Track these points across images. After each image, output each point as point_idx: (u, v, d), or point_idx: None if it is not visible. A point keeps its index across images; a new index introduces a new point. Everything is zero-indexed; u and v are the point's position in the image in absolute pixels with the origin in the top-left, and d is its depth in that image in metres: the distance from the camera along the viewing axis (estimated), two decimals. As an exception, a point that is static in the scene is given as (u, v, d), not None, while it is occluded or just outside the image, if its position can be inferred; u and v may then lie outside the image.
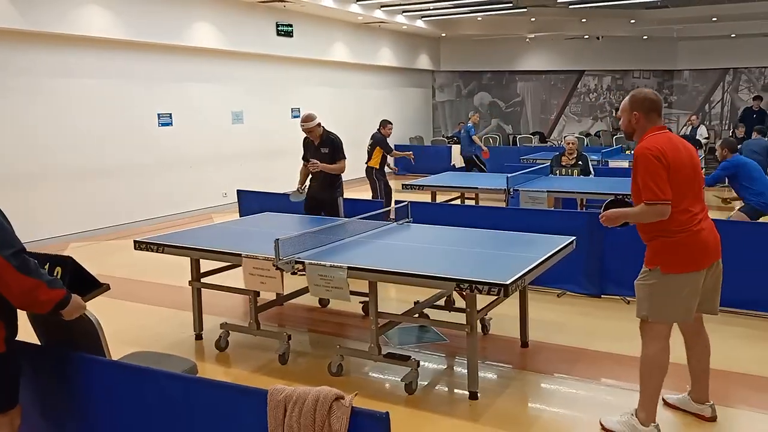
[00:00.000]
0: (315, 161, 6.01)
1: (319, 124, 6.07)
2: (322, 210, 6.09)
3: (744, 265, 4.99)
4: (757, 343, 4.56)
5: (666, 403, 3.61)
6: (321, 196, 6.15)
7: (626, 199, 3.49)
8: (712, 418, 3.41)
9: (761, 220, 6.71)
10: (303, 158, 6.33)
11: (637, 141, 3.25)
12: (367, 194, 9.75)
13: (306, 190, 6.23)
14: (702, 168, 3.46)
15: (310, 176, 6.23)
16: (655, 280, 3.16)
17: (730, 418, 3.52)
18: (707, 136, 15.43)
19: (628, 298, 5.33)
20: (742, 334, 4.72)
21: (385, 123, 9.49)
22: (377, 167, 9.11)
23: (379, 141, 9.19)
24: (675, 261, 3.11)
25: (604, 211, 3.40)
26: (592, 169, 8.51)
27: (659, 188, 3.03)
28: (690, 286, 3.16)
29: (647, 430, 3.18)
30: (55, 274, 2.60)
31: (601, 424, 3.38)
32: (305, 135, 6.21)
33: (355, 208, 6.36)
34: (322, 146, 6.10)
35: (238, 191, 7.95)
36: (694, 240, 3.11)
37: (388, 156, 9.30)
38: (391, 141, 14.76)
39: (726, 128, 16.88)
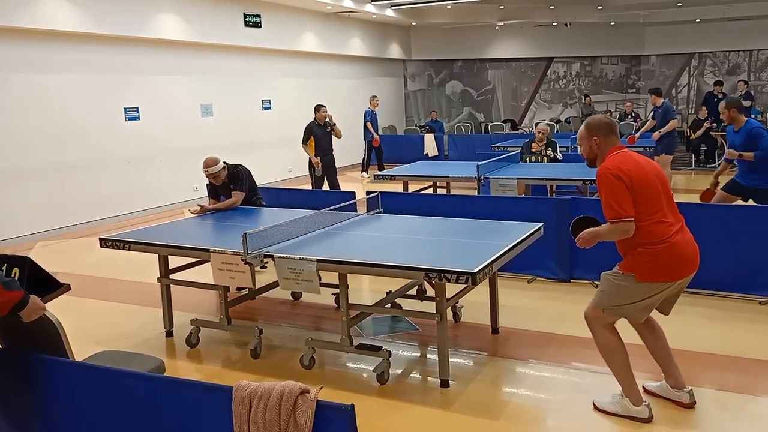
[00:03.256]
0: (198, 207, 5.66)
1: (224, 167, 5.66)
2: None
3: (704, 247, 5.08)
4: (720, 323, 4.67)
5: (646, 391, 3.61)
6: None
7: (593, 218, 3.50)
8: (691, 404, 3.42)
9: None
10: (210, 195, 5.88)
11: (600, 164, 3.29)
12: (342, 186, 9.75)
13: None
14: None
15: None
16: (627, 283, 3.20)
17: (696, 396, 3.60)
18: (674, 120, 15.66)
19: (597, 283, 5.39)
20: (705, 314, 4.83)
21: (317, 107, 9.38)
22: (313, 152, 9.27)
23: (305, 128, 9.28)
24: (651, 271, 3.16)
25: (571, 230, 3.42)
26: (559, 155, 8.59)
27: (620, 206, 3.09)
28: (658, 294, 3.23)
29: (639, 409, 3.27)
30: (12, 275, 2.54)
31: (594, 405, 3.43)
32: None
33: (326, 199, 6.35)
34: (230, 184, 5.74)
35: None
36: (672, 252, 3.15)
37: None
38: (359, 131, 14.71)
39: (692, 112, 17.16)
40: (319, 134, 9.26)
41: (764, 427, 3.30)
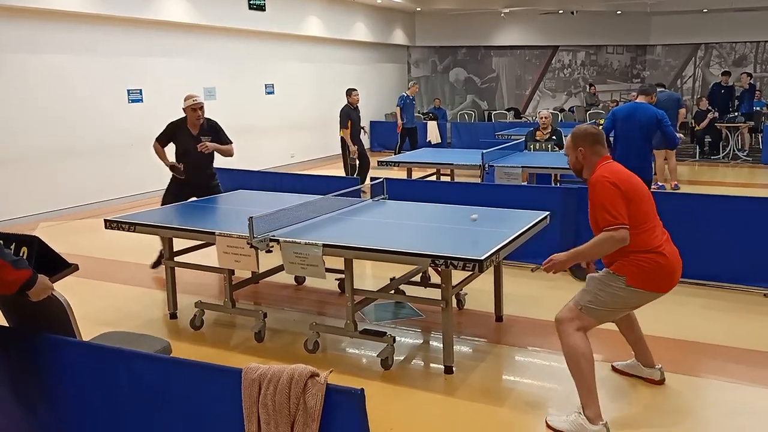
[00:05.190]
0: (206, 142, 5.41)
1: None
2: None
3: (708, 239, 5.11)
4: (724, 315, 4.67)
5: (615, 370, 3.73)
6: (200, 182, 5.56)
7: None
8: (661, 381, 3.56)
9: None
10: (166, 141, 5.56)
11: (587, 175, 3.24)
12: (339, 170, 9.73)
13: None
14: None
15: (183, 166, 5.53)
16: (615, 285, 3.12)
17: (697, 387, 3.62)
18: (679, 111, 15.59)
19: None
20: (710, 306, 4.83)
21: (349, 91, 9.41)
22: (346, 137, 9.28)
23: (341, 112, 9.25)
24: (645, 279, 3.09)
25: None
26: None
27: (618, 213, 3.00)
28: (641, 302, 3.19)
29: (596, 428, 3.05)
30: (20, 254, 2.53)
31: (548, 424, 3.22)
32: (178, 121, 5.56)
33: (331, 185, 6.33)
34: (202, 134, 5.49)
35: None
36: (665, 262, 3.10)
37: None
38: (367, 117, 14.65)
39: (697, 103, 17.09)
40: (355, 118, 9.23)
41: (765, 419, 3.31)
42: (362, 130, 9.53)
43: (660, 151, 9.32)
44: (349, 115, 9.19)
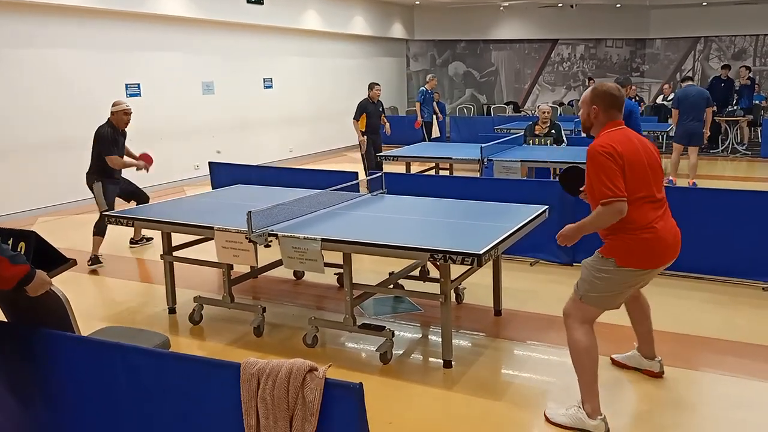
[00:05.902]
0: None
1: None
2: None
3: (707, 232, 5.11)
4: (722, 308, 4.67)
5: (614, 362, 3.75)
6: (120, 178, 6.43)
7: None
8: (660, 374, 3.60)
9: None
10: (114, 147, 6.29)
11: (595, 134, 3.14)
12: (341, 165, 9.71)
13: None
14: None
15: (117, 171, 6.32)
16: (607, 268, 3.07)
17: (695, 380, 3.63)
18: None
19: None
20: (708, 299, 4.83)
21: (371, 86, 9.47)
22: (362, 129, 9.28)
23: (358, 105, 9.33)
24: (633, 257, 3.04)
25: (562, 180, 3.41)
26: (564, 138, 8.55)
27: (613, 185, 2.90)
28: (637, 281, 3.14)
29: (595, 423, 3.06)
30: (18, 250, 2.53)
31: (546, 417, 3.23)
32: (109, 128, 6.24)
33: (329, 179, 6.32)
34: (125, 135, 6.14)
35: (210, 163, 7.84)
36: (654, 237, 3.02)
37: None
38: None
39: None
40: (372, 112, 9.27)
41: (763, 412, 3.32)
42: (384, 124, 9.55)
43: (678, 145, 9.31)
44: (365, 109, 9.26)
